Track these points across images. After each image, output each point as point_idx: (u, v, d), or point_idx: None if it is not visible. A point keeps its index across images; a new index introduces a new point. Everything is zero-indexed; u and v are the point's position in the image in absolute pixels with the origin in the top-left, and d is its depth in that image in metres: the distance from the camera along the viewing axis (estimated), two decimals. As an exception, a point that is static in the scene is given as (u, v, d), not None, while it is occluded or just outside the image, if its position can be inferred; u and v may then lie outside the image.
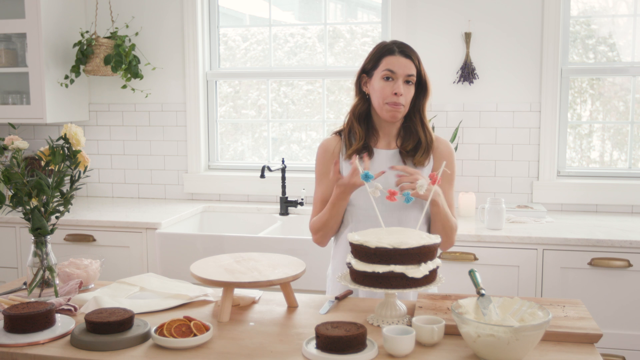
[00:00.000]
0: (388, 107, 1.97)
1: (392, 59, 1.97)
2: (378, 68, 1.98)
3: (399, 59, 1.96)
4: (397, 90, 1.95)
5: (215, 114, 3.81)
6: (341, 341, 1.45)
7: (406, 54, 1.98)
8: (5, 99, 3.62)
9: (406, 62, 1.97)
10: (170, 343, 1.53)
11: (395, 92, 1.95)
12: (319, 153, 2.10)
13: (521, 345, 1.40)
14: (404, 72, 1.96)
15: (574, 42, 3.41)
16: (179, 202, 3.71)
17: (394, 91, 1.95)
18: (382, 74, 1.96)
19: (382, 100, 1.97)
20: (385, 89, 1.96)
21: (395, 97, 1.95)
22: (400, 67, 1.96)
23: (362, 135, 2.03)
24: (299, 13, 3.81)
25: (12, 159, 1.83)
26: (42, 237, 1.88)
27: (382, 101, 1.97)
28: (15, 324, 1.60)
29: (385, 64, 1.97)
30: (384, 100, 1.97)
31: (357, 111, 2.06)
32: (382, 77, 1.97)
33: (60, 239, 3.17)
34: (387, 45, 2.01)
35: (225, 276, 1.74)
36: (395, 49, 1.98)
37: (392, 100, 1.96)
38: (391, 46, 1.99)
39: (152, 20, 3.70)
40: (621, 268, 2.70)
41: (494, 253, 2.79)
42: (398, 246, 1.58)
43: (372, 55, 2.03)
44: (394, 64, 1.96)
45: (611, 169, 3.42)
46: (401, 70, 1.96)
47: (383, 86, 1.96)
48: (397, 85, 1.95)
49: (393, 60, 1.96)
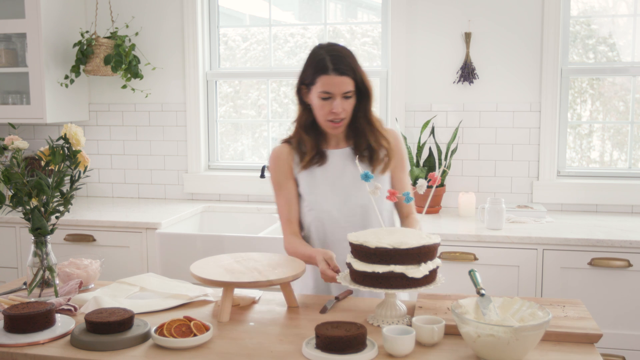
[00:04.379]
0: (329, 125, 1.99)
1: (327, 79, 1.93)
2: (314, 85, 1.96)
3: (333, 78, 1.93)
4: (335, 109, 1.95)
5: (215, 114, 3.81)
6: (341, 341, 1.45)
7: (341, 71, 1.93)
8: (5, 99, 3.62)
9: (341, 80, 1.93)
10: (170, 343, 1.53)
11: (334, 111, 1.95)
12: (273, 163, 2.10)
13: (521, 345, 1.40)
14: (340, 90, 1.94)
15: (574, 42, 3.41)
16: (179, 202, 3.71)
17: (333, 110, 1.95)
18: (320, 94, 1.95)
19: (323, 118, 1.99)
20: (324, 108, 1.97)
21: (334, 115, 1.96)
22: (336, 87, 1.94)
23: (313, 145, 2.05)
24: (299, 13, 3.81)
25: (12, 159, 1.83)
26: (42, 237, 1.88)
27: (323, 119, 1.99)
28: (15, 324, 1.60)
29: (320, 84, 1.94)
30: (324, 118, 1.98)
31: (303, 122, 2.06)
32: (319, 97, 1.96)
33: (60, 239, 3.17)
34: (322, 62, 1.95)
35: (225, 276, 1.74)
36: (329, 67, 1.93)
37: (331, 118, 1.97)
38: (325, 63, 1.94)
39: (152, 20, 3.70)
40: (621, 268, 2.70)
41: (494, 253, 2.79)
42: (398, 246, 1.58)
43: (308, 69, 1.99)
44: (328, 85, 1.93)
45: (611, 169, 3.42)
46: (337, 89, 1.94)
47: (321, 105, 1.96)
48: (335, 105, 1.95)
49: (328, 81, 1.93)
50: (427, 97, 3.44)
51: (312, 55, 2.00)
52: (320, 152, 2.06)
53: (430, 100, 3.43)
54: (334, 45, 2.01)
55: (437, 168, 3.26)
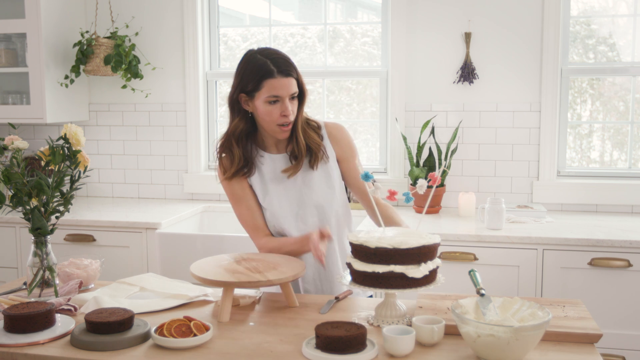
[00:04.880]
0: (279, 129, 1.97)
1: (274, 82, 1.91)
2: (260, 91, 1.93)
3: (280, 80, 1.91)
4: (285, 112, 1.94)
5: (215, 114, 3.81)
6: (341, 341, 1.45)
7: (286, 73, 1.92)
8: (5, 99, 3.62)
9: (288, 82, 1.92)
10: (170, 343, 1.53)
11: (284, 114, 1.94)
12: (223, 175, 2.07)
13: (521, 345, 1.40)
14: (288, 92, 1.93)
15: (574, 42, 3.41)
16: (179, 202, 3.71)
17: (283, 113, 1.94)
18: (267, 98, 1.93)
19: (272, 124, 1.96)
20: (273, 112, 1.94)
21: (285, 117, 1.95)
22: (284, 89, 1.92)
23: (242, 157, 2.03)
24: (299, 13, 3.81)
25: (12, 159, 1.83)
26: (42, 237, 1.88)
27: (272, 124, 1.96)
28: (15, 324, 1.60)
29: (268, 88, 1.91)
30: (274, 122, 1.96)
31: (238, 132, 2.02)
32: (266, 102, 1.93)
33: (60, 239, 3.17)
34: (264, 66, 1.92)
35: (225, 276, 1.74)
36: (274, 70, 1.91)
37: (281, 122, 1.95)
38: (269, 67, 1.92)
39: (152, 20, 3.70)
40: (621, 268, 2.70)
41: (494, 253, 2.79)
42: (398, 246, 1.58)
43: (248, 75, 1.94)
44: (277, 88, 1.91)
45: (611, 169, 3.42)
46: (285, 92, 1.92)
47: (270, 110, 1.94)
48: (284, 107, 1.93)
49: (275, 84, 1.91)
50: (427, 97, 3.44)
51: (248, 62, 1.96)
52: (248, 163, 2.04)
53: (430, 100, 3.43)
54: (269, 48, 1.99)
55: (437, 168, 3.26)
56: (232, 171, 2.03)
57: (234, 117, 2.03)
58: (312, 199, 2.04)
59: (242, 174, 2.05)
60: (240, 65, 1.99)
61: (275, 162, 2.06)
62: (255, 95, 1.95)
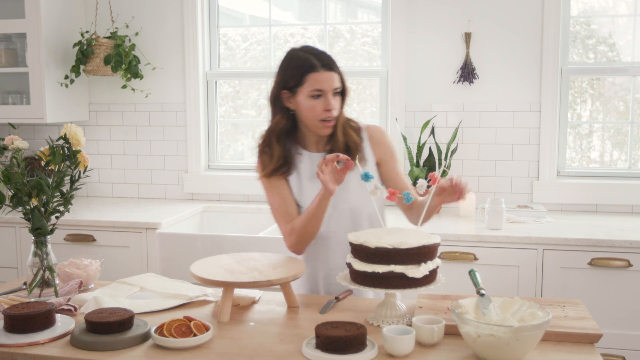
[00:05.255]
0: (322, 124, 1.95)
1: (317, 76, 1.91)
2: (303, 86, 1.93)
3: (323, 74, 1.91)
4: (328, 106, 1.92)
5: (215, 114, 3.81)
6: (341, 341, 1.45)
7: (329, 67, 1.93)
8: (5, 99, 3.62)
9: (331, 76, 1.92)
10: (170, 343, 1.53)
11: (328, 108, 1.93)
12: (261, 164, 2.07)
13: (521, 345, 1.40)
14: (331, 86, 1.93)
15: (574, 42, 3.41)
16: (179, 202, 3.71)
17: (326, 108, 1.93)
18: (310, 92, 1.92)
19: (316, 118, 1.95)
20: (316, 107, 1.93)
21: (328, 112, 1.93)
22: (327, 83, 1.92)
23: (281, 154, 2.01)
24: (299, 13, 3.81)
25: (12, 159, 1.83)
26: (42, 237, 1.88)
27: (315, 119, 1.95)
28: (15, 324, 1.60)
29: (311, 82, 1.91)
30: (317, 118, 1.94)
31: (279, 129, 2.02)
32: (309, 96, 1.93)
33: (60, 239, 3.17)
34: (307, 60, 1.93)
35: (225, 276, 1.74)
36: (318, 64, 1.92)
37: (325, 117, 1.94)
38: (312, 61, 1.92)
39: (152, 20, 3.70)
40: (621, 268, 2.70)
41: (494, 253, 2.79)
42: (398, 246, 1.58)
43: (291, 71, 1.95)
44: (320, 81, 1.91)
45: (611, 169, 3.42)
46: (328, 86, 1.92)
47: (313, 105, 1.93)
48: (327, 102, 1.92)
49: (319, 78, 1.91)
50: (427, 97, 3.44)
51: (291, 58, 1.97)
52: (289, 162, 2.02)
53: (430, 100, 3.43)
54: (310, 46, 2.00)
55: (437, 168, 3.26)
56: (270, 168, 2.02)
57: (275, 114, 2.02)
58: (346, 200, 2.00)
59: (280, 172, 2.02)
60: (283, 62, 1.99)
61: (313, 160, 2.03)
62: (298, 91, 1.94)
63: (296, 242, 1.98)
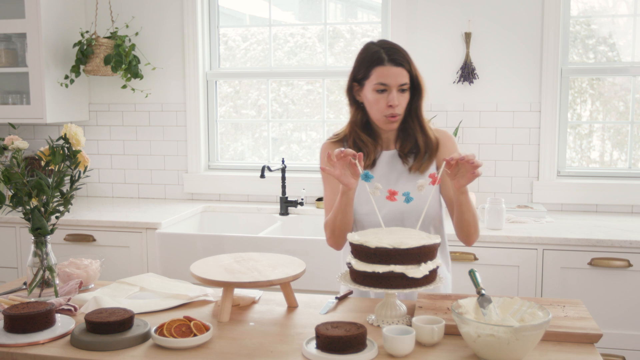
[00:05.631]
0: (385, 119, 1.92)
1: (383, 70, 1.88)
2: (369, 79, 1.91)
3: (389, 69, 1.88)
4: (391, 102, 1.89)
5: (215, 114, 3.81)
6: (341, 341, 1.45)
7: (397, 62, 1.88)
8: (5, 99, 3.62)
9: (397, 72, 1.88)
10: (170, 343, 1.53)
11: (390, 104, 1.89)
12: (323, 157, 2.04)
13: (521, 345, 1.40)
14: (397, 82, 1.88)
15: (574, 42, 3.41)
16: (179, 202, 3.71)
17: (389, 103, 1.89)
18: (374, 86, 1.90)
19: (379, 113, 1.92)
20: (379, 102, 1.90)
21: (391, 108, 1.90)
22: (392, 78, 1.88)
23: (374, 142, 1.99)
24: (299, 13, 3.81)
25: (12, 159, 1.83)
26: (42, 237, 1.88)
27: (379, 114, 1.92)
28: (15, 324, 1.60)
29: (376, 76, 1.89)
30: (380, 113, 1.92)
31: (358, 121, 2.00)
32: (374, 90, 1.90)
33: (60, 239, 3.17)
34: (376, 54, 1.90)
35: (225, 276, 1.74)
36: (385, 59, 1.88)
37: (388, 113, 1.91)
38: (380, 55, 1.89)
39: (152, 20, 3.70)
40: (621, 268, 2.70)
41: (494, 253, 2.79)
42: (398, 246, 1.58)
43: (360, 64, 1.93)
44: (385, 76, 1.88)
45: (611, 169, 3.42)
46: (393, 81, 1.88)
47: (377, 99, 1.90)
48: (391, 97, 1.89)
49: (384, 72, 1.88)
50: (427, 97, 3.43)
51: (364, 51, 1.95)
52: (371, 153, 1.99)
53: (430, 100, 3.43)
54: (387, 40, 1.96)
55: (437, 168, 3.26)
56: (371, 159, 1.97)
57: (351, 106, 2.01)
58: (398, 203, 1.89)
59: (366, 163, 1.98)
60: (357, 55, 1.97)
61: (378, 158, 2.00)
62: (365, 84, 1.92)
63: (329, 237, 1.96)
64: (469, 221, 1.88)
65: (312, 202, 3.56)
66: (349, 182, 1.79)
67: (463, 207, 1.85)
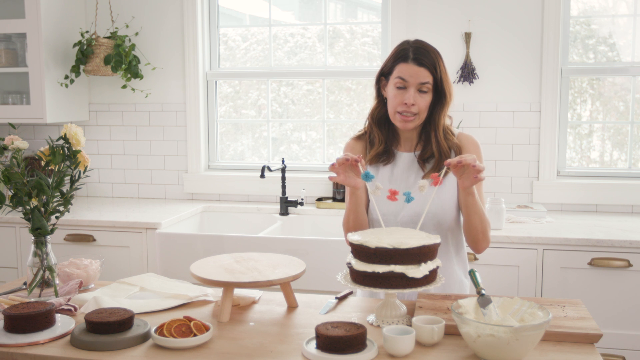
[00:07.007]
0: (399, 117, 1.91)
1: (405, 67, 1.88)
2: (392, 74, 1.91)
3: (411, 67, 1.87)
4: (407, 100, 1.88)
5: (215, 114, 3.81)
6: (341, 341, 1.45)
7: (420, 62, 1.87)
8: (5, 99, 3.62)
9: (419, 71, 1.87)
10: (170, 343, 1.53)
11: (405, 102, 1.88)
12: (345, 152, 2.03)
13: (521, 345, 1.40)
14: (416, 80, 1.87)
15: (574, 42, 3.41)
16: (179, 202, 3.71)
17: (404, 101, 1.88)
18: (395, 81, 1.90)
19: (394, 109, 1.91)
20: (396, 98, 1.90)
21: (406, 106, 1.89)
22: (412, 76, 1.87)
23: (382, 139, 1.99)
24: (299, 13, 3.81)
25: (12, 159, 1.83)
26: (42, 237, 1.88)
27: (394, 110, 1.92)
28: (15, 324, 1.60)
29: (398, 71, 1.89)
30: (395, 108, 1.91)
31: (375, 115, 2.00)
32: (394, 85, 1.90)
33: (60, 239, 3.17)
34: (404, 51, 1.91)
35: (225, 276, 1.74)
36: (410, 56, 1.88)
37: (402, 109, 1.90)
38: (407, 52, 1.89)
39: (152, 20, 3.70)
40: (621, 268, 2.70)
41: (494, 253, 2.79)
42: (398, 246, 1.58)
43: (389, 58, 1.95)
44: (405, 72, 1.88)
45: (611, 169, 3.42)
46: (412, 79, 1.87)
47: (395, 94, 1.90)
48: (407, 95, 1.88)
49: (405, 69, 1.88)
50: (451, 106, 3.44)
51: (396, 47, 1.95)
52: (388, 150, 1.99)
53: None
54: (421, 41, 1.95)
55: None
56: (371, 154, 1.99)
57: (376, 99, 2.02)
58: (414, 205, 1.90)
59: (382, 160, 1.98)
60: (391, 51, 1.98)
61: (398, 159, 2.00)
62: (389, 79, 1.93)
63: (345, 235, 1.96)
64: (475, 225, 1.87)
65: (312, 202, 3.57)
66: (354, 183, 1.84)
67: (470, 209, 1.85)
